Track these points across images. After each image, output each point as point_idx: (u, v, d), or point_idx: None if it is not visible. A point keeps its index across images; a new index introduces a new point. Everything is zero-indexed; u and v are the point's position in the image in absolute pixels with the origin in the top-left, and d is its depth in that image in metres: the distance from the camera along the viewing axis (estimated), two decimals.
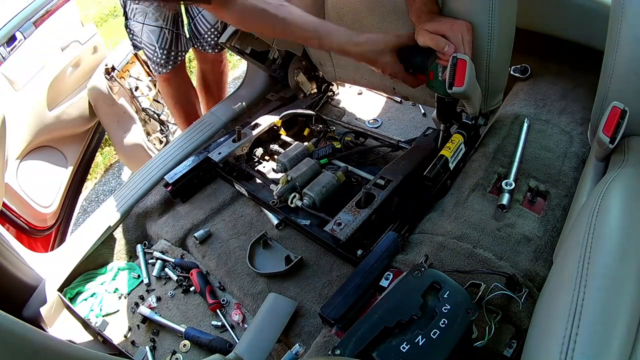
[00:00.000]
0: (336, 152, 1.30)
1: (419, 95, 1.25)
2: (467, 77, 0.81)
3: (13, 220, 1.47)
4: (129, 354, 0.98)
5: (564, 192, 0.93)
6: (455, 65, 0.81)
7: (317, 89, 1.62)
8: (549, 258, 0.82)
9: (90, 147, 1.98)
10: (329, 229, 0.95)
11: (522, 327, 0.71)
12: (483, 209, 0.93)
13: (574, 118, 1.10)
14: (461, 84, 0.81)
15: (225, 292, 1.08)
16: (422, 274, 0.67)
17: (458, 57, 0.81)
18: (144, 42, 1.56)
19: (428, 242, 0.88)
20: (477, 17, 0.87)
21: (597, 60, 0.87)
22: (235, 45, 1.33)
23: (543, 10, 1.18)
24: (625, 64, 0.77)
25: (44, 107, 1.63)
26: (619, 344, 0.46)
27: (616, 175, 0.70)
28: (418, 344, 0.59)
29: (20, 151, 1.55)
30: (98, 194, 2.58)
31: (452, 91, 0.83)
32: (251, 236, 1.15)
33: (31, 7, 1.64)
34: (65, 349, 0.42)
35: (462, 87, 0.81)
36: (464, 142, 1.04)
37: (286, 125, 1.45)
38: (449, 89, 0.83)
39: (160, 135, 2.27)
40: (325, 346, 0.77)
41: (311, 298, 0.99)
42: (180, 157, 1.38)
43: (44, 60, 1.64)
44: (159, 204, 1.28)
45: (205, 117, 1.54)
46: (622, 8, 0.74)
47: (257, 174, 1.29)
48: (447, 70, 0.83)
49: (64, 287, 1.14)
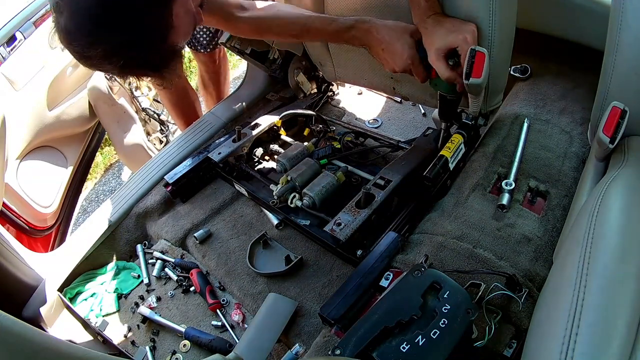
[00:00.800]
0: (336, 152, 1.30)
1: (419, 95, 1.25)
2: (485, 70, 0.82)
3: (13, 220, 1.47)
4: (129, 354, 0.98)
5: (564, 192, 0.93)
6: (473, 57, 0.82)
7: (317, 89, 1.62)
8: (549, 258, 0.82)
9: (90, 147, 1.97)
10: (329, 229, 0.95)
11: (522, 327, 0.71)
12: (483, 209, 0.93)
13: (574, 118, 1.10)
14: (479, 75, 0.82)
15: (225, 292, 1.08)
16: (422, 274, 0.67)
17: (476, 49, 0.82)
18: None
19: (428, 242, 0.88)
20: (477, 17, 0.87)
21: (597, 60, 0.87)
22: (235, 45, 1.33)
23: (543, 10, 1.18)
24: (625, 64, 0.77)
25: (44, 107, 1.63)
26: (619, 344, 0.46)
27: (616, 175, 0.70)
28: (418, 344, 0.59)
29: (20, 151, 1.55)
30: (98, 194, 2.58)
31: (469, 82, 0.84)
32: (251, 236, 1.15)
33: (31, 7, 1.64)
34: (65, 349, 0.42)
35: (480, 79, 0.82)
36: (464, 142, 1.04)
37: (286, 125, 1.45)
38: (466, 79, 0.84)
39: (160, 135, 2.27)
40: (325, 346, 0.77)
41: (311, 298, 0.99)
42: (180, 157, 1.38)
43: (44, 60, 1.64)
44: (159, 204, 1.28)
45: (205, 117, 1.54)
46: (622, 8, 0.74)
47: (257, 174, 1.29)
48: (465, 61, 0.83)
49: (64, 287, 1.14)
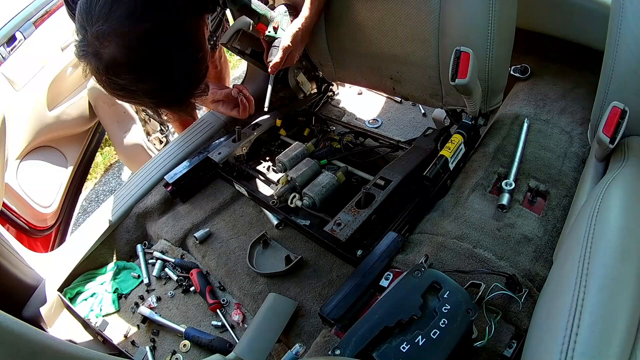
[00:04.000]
0: (336, 152, 1.30)
1: (419, 95, 1.25)
2: (470, 70, 0.81)
3: (13, 220, 1.47)
4: (129, 354, 0.98)
5: (564, 192, 0.93)
6: (458, 57, 0.81)
7: (317, 89, 1.62)
8: (549, 258, 0.82)
9: (90, 147, 1.97)
10: (329, 229, 0.95)
11: (522, 327, 0.71)
12: (483, 209, 0.93)
13: (574, 118, 1.10)
14: (464, 75, 0.81)
15: (225, 292, 1.08)
16: (422, 274, 0.67)
17: (461, 50, 0.81)
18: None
19: (428, 242, 0.88)
20: (477, 17, 0.87)
21: (597, 60, 0.87)
22: (236, 46, 1.33)
23: (543, 10, 1.18)
24: (625, 64, 0.77)
25: (44, 107, 1.63)
26: (619, 344, 0.46)
27: (616, 175, 0.70)
28: (418, 344, 0.59)
29: (20, 151, 1.55)
30: (98, 194, 2.58)
31: (455, 83, 0.83)
32: (251, 236, 1.15)
33: (31, 7, 1.64)
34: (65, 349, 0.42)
35: (466, 79, 0.82)
36: (464, 142, 1.04)
37: (286, 125, 1.45)
38: (452, 81, 0.83)
39: (160, 135, 2.27)
40: (325, 346, 0.77)
41: (311, 298, 0.99)
42: (180, 157, 1.38)
43: (44, 60, 1.64)
44: (159, 204, 1.28)
45: (205, 117, 1.54)
46: (622, 8, 0.74)
47: (257, 174, 1.29)
48: (451, 63, 0.83)
49: (64, 287, 1.14)
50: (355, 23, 1.14)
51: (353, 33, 1.18)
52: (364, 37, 1.16)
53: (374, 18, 1.09)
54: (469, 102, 0.97)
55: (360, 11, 1.11)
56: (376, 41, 1.14)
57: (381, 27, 1.09)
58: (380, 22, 1.09)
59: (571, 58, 1.25)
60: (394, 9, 1.03)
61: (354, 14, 1.13)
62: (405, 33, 1.06)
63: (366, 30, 1.14)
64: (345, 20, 1.16)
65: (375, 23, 1.10)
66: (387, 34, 1.10)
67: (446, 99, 1.14)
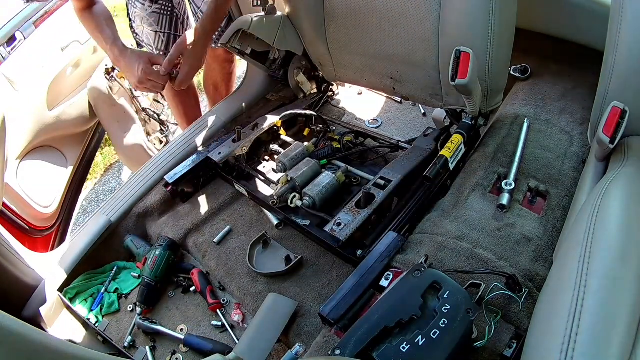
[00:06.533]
0: (336, 152, 1.30)
1: (419, 95, 1.25)
2: (470, 70, 0.81)
3: (13, 220, 1.47)
4: (129, 354, 0.98)
5: (564, 192, 0.93)
6: (458, 58, 0.81)
7: (317, 89, 1.62)
8: (549, 258, 0.82)
9: (90, 147, 1.97)
10: (329, 229, 0.95)
11: (522, 327, 0.71)
12: (483, 209, 0.93)
13: (574, 118, 1.10)
14: (464, 75, 0.81)
15: (225, 292, 1.08)
16: (422, 274, 0.67)
17: (461, 50, 0.81)
18: (145, 43, 1.57)
19: (428, 242, 0.88)
20: (477, 17, 0.87)
21: (597, 60, 0.87)
22: (236, 46, 1.33)
23: (543, 10, 1.18)
24: (625, 64, 0.77)
25: (44, 107, 1.63)
26: (619, 344, 0.46)
27: (616, 175, 0.70)
28: (418, 344, 0.59)
29: (20, 151, 1.55)
30: (98, 194, 2.58)
31: (455, 83, 0.83)
32: (251, 236, 1.15)
33: (31, 7, 1.64)
34: (65, 349, 0.42)
35: (466, 80, 0.82)
36: (464, 142, 1.04)
37: (286, 125, 1.45)
38: (452, 81, 0.83)
39: (160, 135, 2.27)
40: (325, 346, 0.77)
41: (311, 298, 0.99)
42: (180, 157, 1.37)
43: (44, 60, 1.64)
44: (159, 204, 1.28)
45: (205, 117, 1.54)
46: (622, 8, 0.74)
47: (257, 174, 1.29)
48: (451, 62, 0.82)
49: (64, 287, 1.14)
50: (355, 23, 1.14)
51: (353, 33, 1.18)
52: (364, 37, 1.16)
53: (374, 18, 1.09)
54: (469, 102, 0.97)
55: (361, 11, 1.11)
56: (376, 41, 1.14)
57: (381, 27, 1.09)
58: (380, 21, 1.09)
59: (571, 58, 1.25)
60: (394, 9, 1.03)
61: (354, 13, 1.13)
62: (405, 33, 1.06)
63: (366, 30, 1.14)
64: (345, 20, 1.16)
65: (375, 23, 1.10)
66: (387, 33, 1.10)
67: (446, 99, 1.15)
